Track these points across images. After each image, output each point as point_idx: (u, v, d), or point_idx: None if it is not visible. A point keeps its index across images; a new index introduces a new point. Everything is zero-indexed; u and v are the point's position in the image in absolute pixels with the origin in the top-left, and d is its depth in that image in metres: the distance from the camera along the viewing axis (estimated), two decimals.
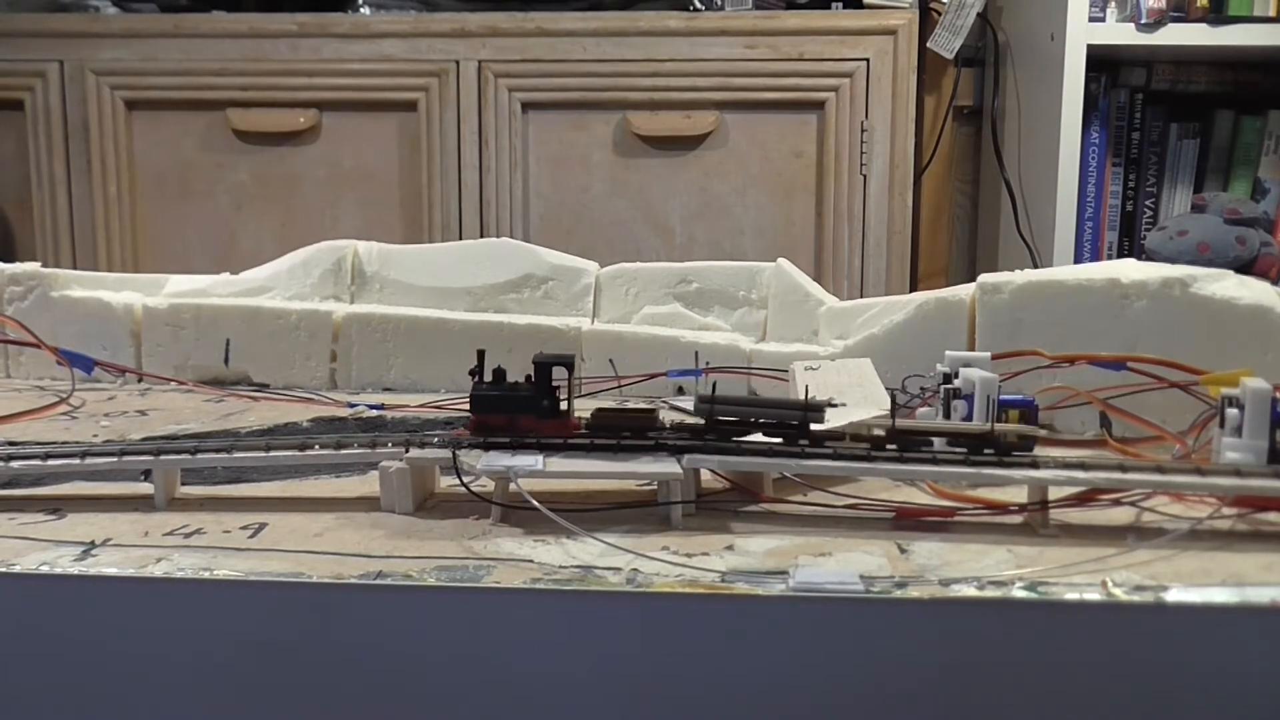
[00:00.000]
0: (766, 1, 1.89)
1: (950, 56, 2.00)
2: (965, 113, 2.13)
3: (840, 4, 1.88)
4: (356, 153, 1.92)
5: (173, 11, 1.94)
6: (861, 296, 1.65)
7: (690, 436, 0.55)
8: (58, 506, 0.56)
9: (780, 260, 0.93)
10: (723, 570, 0.47)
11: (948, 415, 0.61)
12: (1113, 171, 1.89)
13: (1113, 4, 1.72)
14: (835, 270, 1.87)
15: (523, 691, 0.46)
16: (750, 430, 0.55)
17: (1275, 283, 0.84)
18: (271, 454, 0.56)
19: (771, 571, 0.47)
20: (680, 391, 0.86)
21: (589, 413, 0.57)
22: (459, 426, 0.59)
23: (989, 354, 0.64)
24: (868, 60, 1.83)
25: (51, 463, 0.56)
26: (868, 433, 0.55)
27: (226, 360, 0.92)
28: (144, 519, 0.54)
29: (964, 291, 0.78)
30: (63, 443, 0.59)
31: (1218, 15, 1.69)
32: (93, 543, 0.50)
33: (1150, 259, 1.52)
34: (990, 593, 0.45)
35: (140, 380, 0.92)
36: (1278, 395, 0.54)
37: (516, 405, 0.56)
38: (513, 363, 0.88)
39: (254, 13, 1.93)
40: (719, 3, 1.90)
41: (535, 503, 0.51)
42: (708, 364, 0.84)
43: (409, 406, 0.82)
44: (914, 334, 0.78)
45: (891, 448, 0.54)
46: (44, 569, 0.47)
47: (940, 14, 1.99)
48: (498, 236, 1.72)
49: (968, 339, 0.77)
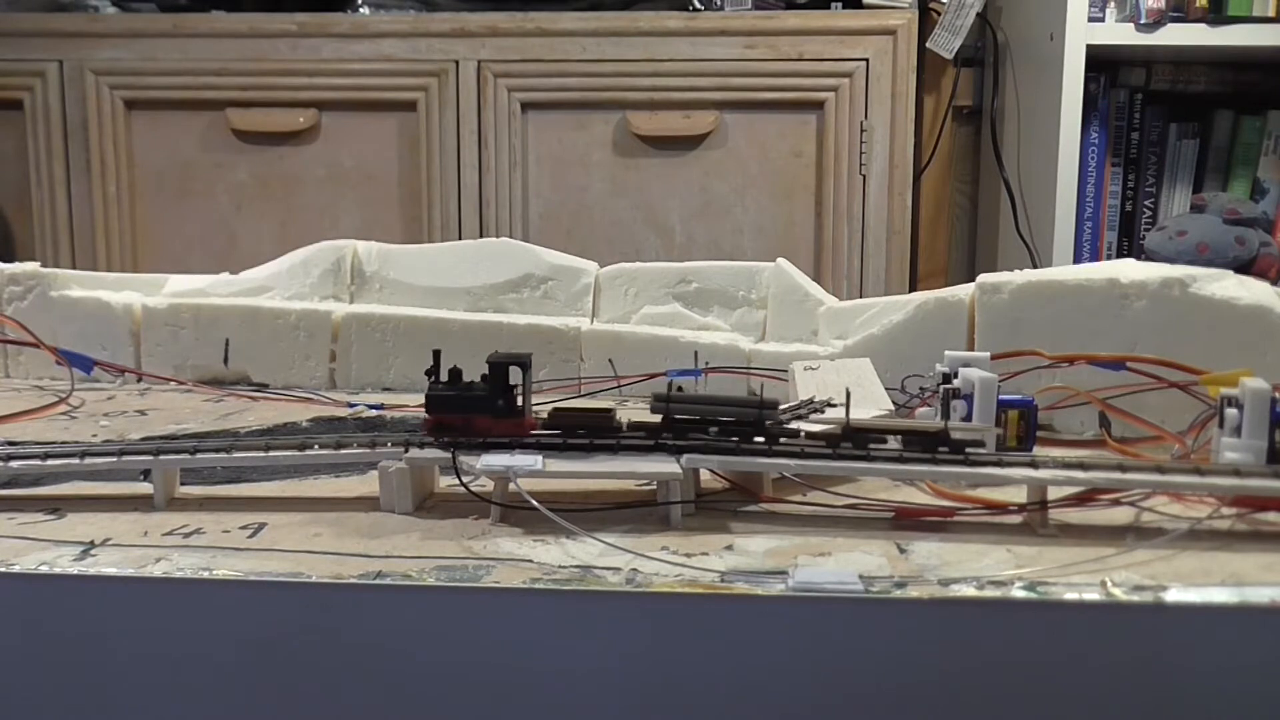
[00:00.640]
0: (766, 1, 1.89)
1: (950, 56, 2.01)
2: (965, 113, 2.13)
3: (840, 4, 1.88)
4: (356, 152, 1.92)
5: (172, 11, 1.94)
6: (861, 296, 1.65)
7: (646, 435, 0.55)
8: (57, 506, 0.56)
9: (780, 260, 0.93)
10: (722, 570, 0.47)
11: (947, 415, 0.61)
12: (1112, 171, 1.89)
13: (1112, 4, 1.72)
14: (835, 270, 1.87)
15: (522, 691, 0.46)
16: (706, 428, 0.55)
17: (1275, 283, 0.84)
18: (271, 454, 0.56)
19: (771, 571, 0.47)
20: (679, 391, 0.86)
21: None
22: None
23: (988, 354, 0.64)
24: (867, 60, 1.83)
25: (51, 462, 0.56)
26: (823, 430, 0.56)
27: (226, 360, 0.92)
28: (143, 519, 0.54)
29: (963, 291, 0.78)
30: (62, 442, 0.59)
31: (1217, 15, 1.69)
32: (92, 542, 0.50)
33: (1150, 259, 1.52)
34: (989, 593, 0.45)
35: (140, 380, 0.92)
36: (1277, 395, 0.54)
37: (472, 405, 0.56)
38: None
39: (253, 12, 1.93)
40: (718, 3, 1.90)
41: (535, 503, 0.51)
42: (707, 364, 0.84)
43: (408, 406, 0.82)
44: (913, 334, 0.78)
45: (846, 445, 0.54)
46: (43, 569, 0.47)
47: (940, 14, 1.99)
48: (497, 236, 1.73)
49: (967, 339, 0.77)
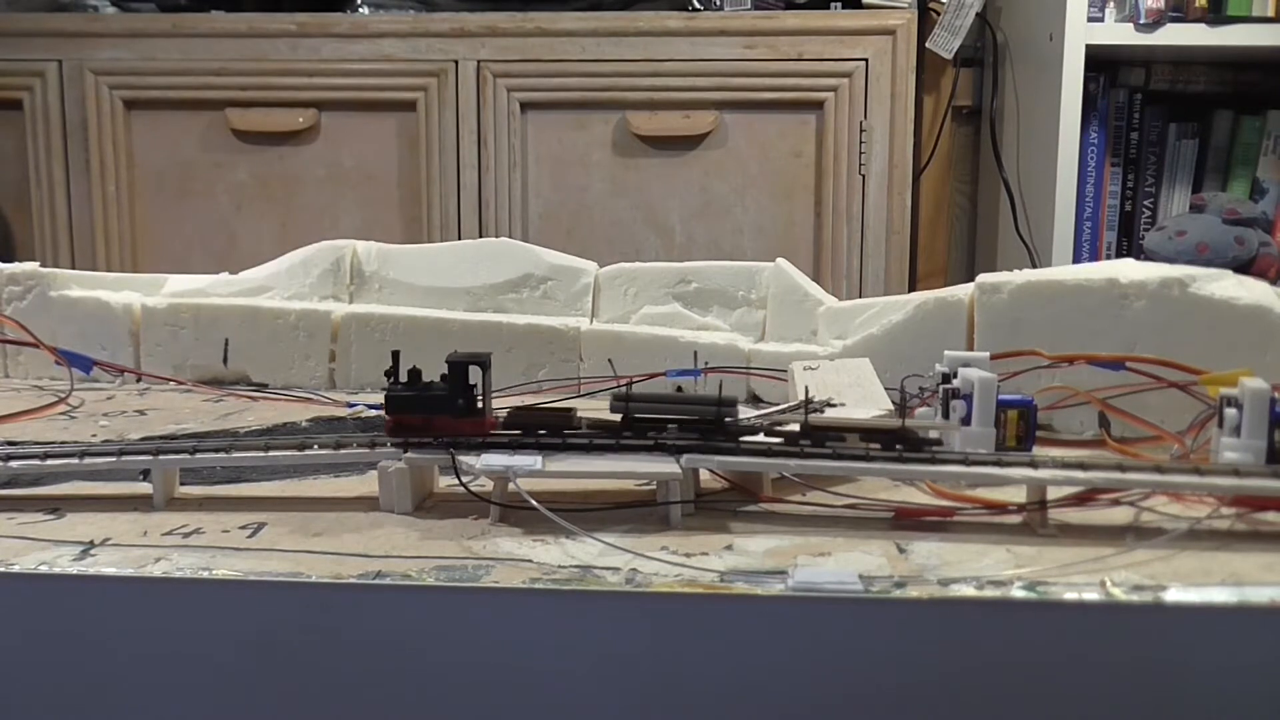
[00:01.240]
0: (765, 1, 1.89)
1: (949, 56, 2.01)
2: (964, 113, 2.13)
3: (839, 4, 1.88)
4: (356, 152, 1.92)
5: (172, 11, 1.94)
6: (860, 296, 1.65)
7: (607, 434, 0.55)
8: (56, 506, 0.56)
9: (779, 260, 0.93)
10: (722, 570, 0.47)
11: (946, 415, 0.61)
12: (1111, 171, 1.89)
13: (1111, 4, 1.72)
14: (834, 270, 1.87)
15: (522, 691, 0.46)
16: (666, 426, 0.55)
17: (1274, 282, 0.84)
18: (270, 454, 0.56)
19: (770, 571, 0.47)
20: (679, 391, 0.86)
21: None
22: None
23: (988, 354, 0.64)
24: (867, 60, 1.83)
25: (50, 462, 0.56)
26: (783, 428, 0.56)
27: (225, 360, 0.92)
28: (143, 519, 0.54)
29: (963, 291, 0.78)
30: (61, 442, 0.59)
31: (1216, 15, 1.70)
32: (91, 542, 0.50)
33: (1149, 259, 1.52)
34: (989, 593, 0.45)
35: (139, 380, 0.92)
36: (1276, 395, 0.54)
37: (431, 405, 0.56)
38: (512, 363, 0.89)
39: (253, 12, 1.93)
40: (718, 3, 1.90)
41: (534, 503, 0.51)
42: (707, 364, 0.84)
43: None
44: (913, 334, 0.78)
45: (805, 443, 0.54)
46: (43, 569, 0.47)
47: (939, 14, 1.99)
48: (497, 236, 1.73)
49: (966, 339, 0.77)
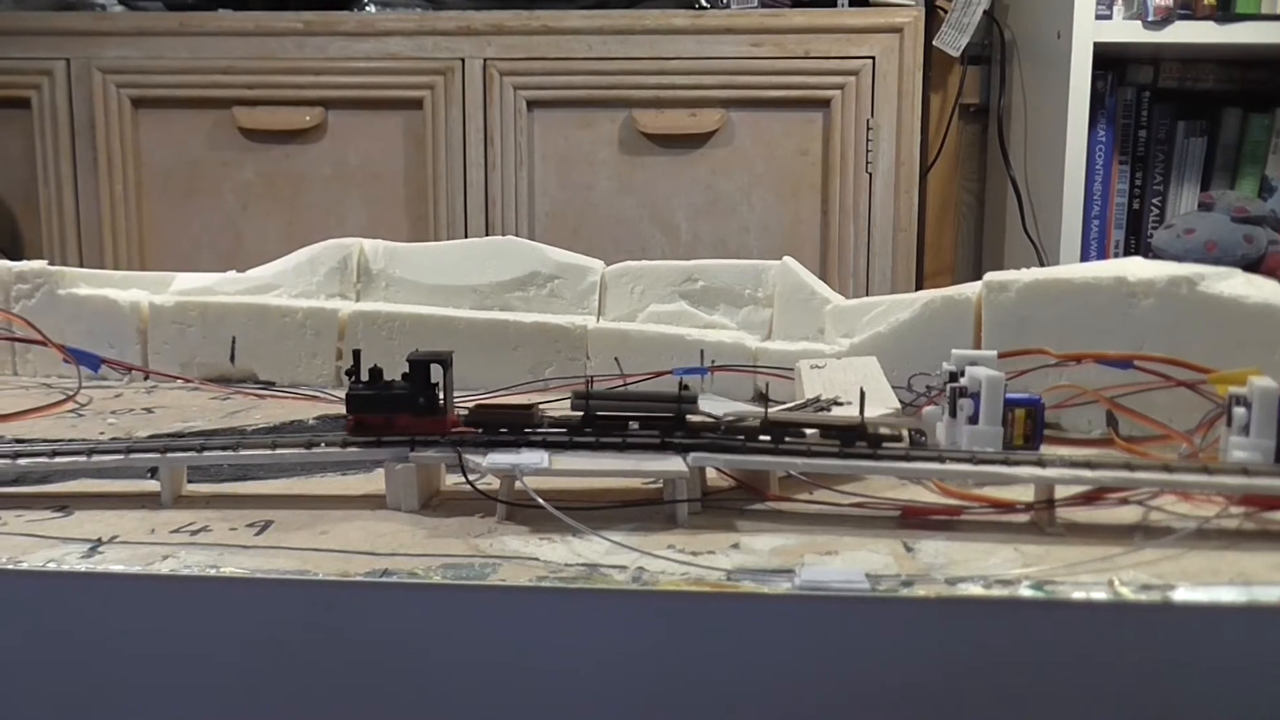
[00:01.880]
0: None
1: (956, 54, 2.00)
2: (971, 110, 2.13)
3: (846, 2, 1.88)
4: (362, 151, 1.92)
5: (179, 10, 1.95)
6: (867, 295, 1.65)
7: (568, 432, 0.55)
8: (65, 504, 0.56)
9: (786, 258, 0.93)
10: (728, 568, 0.47)
11: (954, 414, 0.61)
12: (1119, 169, 1.88)
13: (1119, 2, 1.71)
14: (841, 268, 1.87)
15: (528, 689, 0.46)
16: (627, 423, 0.55)
17: None
18: (278, 452, 0.56)
19: (777, 570, 0.47)
20: (685, 389, 0.86)
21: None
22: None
23: (995, 352, 0.64)
24: (874, 58, 1.83)
25: (59, 460, 0.56)
26: (742, 424, 0.56)
27: (233, 358, 0.92)
28: (151, 516, 0.54)
29: (970, 290, 0.77)
30: (70, 440, 0.59)
31: (1225, 13, 1.69)
32: (100, 540, 0.50)
33: (1157, 257, 1.52)
34: (997, 592, 0.45)
35: (147, 378, 0.92)
36: None
37: (392, 404, 0.56)
38: (518, 361, 0.89)
39: (260, 11, 1.93)
40: (724, 1, 1.89)
41: (541, 501, 0.51)
42: (713, 362, 0.84)
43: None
44: (920, 332, 0.78)
45: (764, 438, 0.54)
46: (51, 566, 0.47)
47: (946, 11, 1.98)
48: (503, 234, 1.73)
49: (974, 337, 0.76)
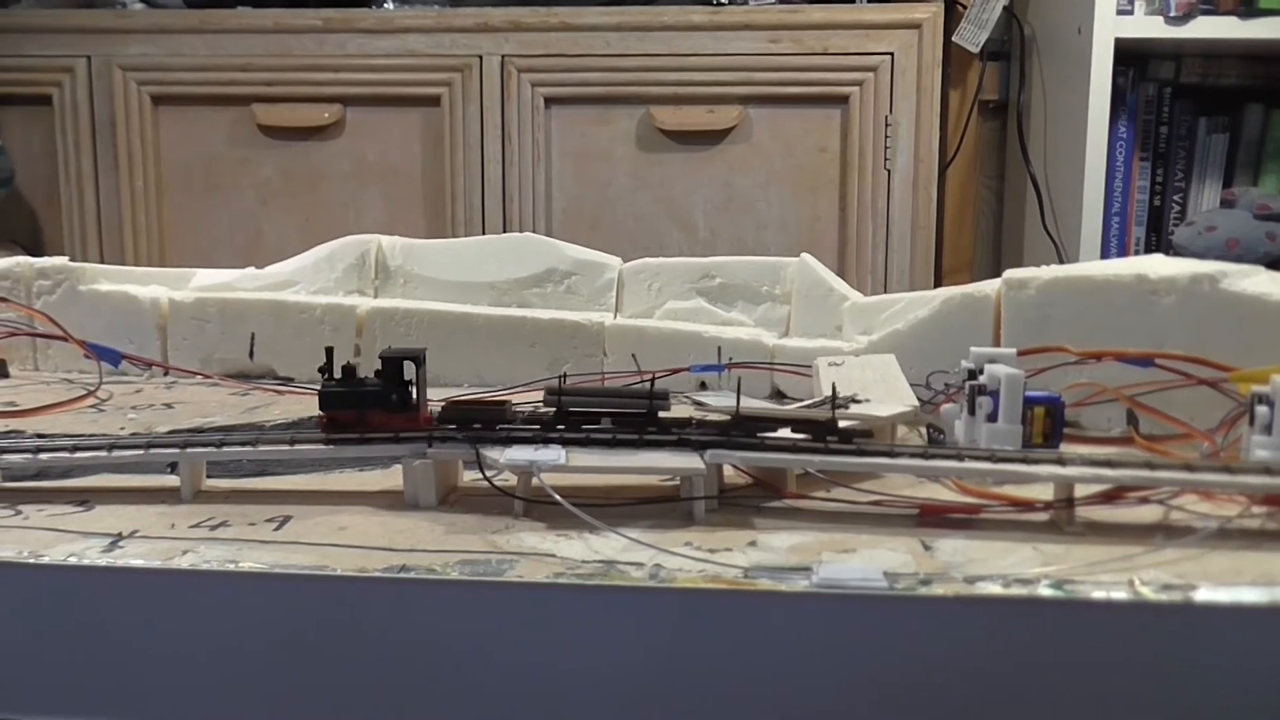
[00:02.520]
0: None
1: (976, 50, 1.99)
2: (991, 107, 2.12)
3: None
4: (380, 147, 1.93)
5: (199, 7, 1.96)
6: (885, 292, 1.65)
7: (542, 428, 0.56)
8: (86, 498, 0.56)
9: (804, 255, 0.93)
10: (745, 566, 0.47)
11: (972, 412, 0.60)
12: (1140, 166, 1.87)
13: None
14: (859, 266, 1.86)
15: (545, 686, 0.46)
16: (600, 419, 0.56)
17: None
18: (296, 447, 0.56)
19: (795, 568, 0.47)
20: (703, 387, 0.86)
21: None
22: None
23: (1014, 350, 0.64)
24: (892, 54, 1.82)
25: (80, 455, 0.56)
26: (713, 419, 0.56)
27: (252, 354, 0.92)
28: (170, 511, 0.55)
29: (989, 287, 0.77)
30: (90, 435, 0.59)
31: (1248, 8, 1.68)
32: (120, 534, 0.51)
33: (1179, 254, 1.51)
34: (1016, 591, 0.44)
35: (166, 373, 0.92)
36: None
37: (365, 401, 0.56)
38: (536, 358, 0.89)
39: (279, 8, 1.94)
40: None
41: (558, 497, 0.51)
42: (731, 359, 0.84)
43: (432, 401, 0.82)
44: (939, 330, 0.78)
45: (735, 433, 0.54)
46: (72, 560, 0.48)
47: (966, 7, 1.97)
48: (520, 231, 1.73)
49: (993, 335, 0.76)
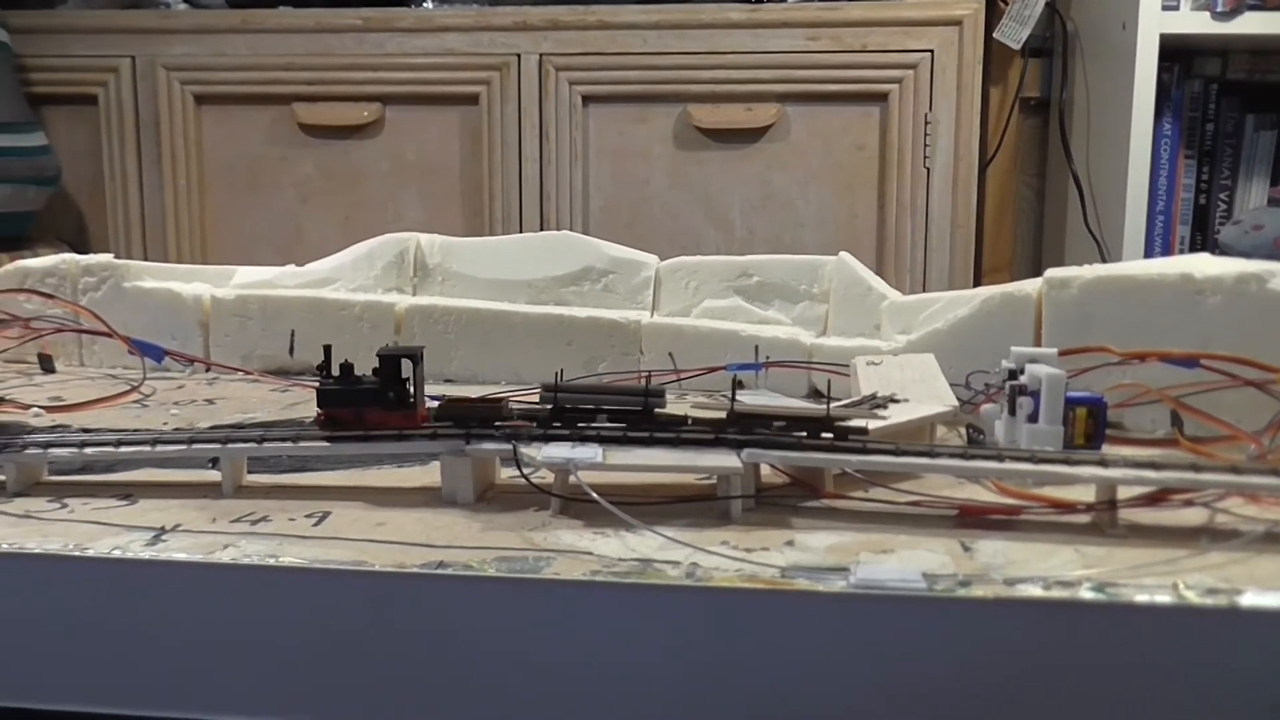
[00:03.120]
0: None
1: (1017, 47, 1.97)
2: (1032, 104, 2.10)
3: None
4: (419, 146, 1.94)
5: (241, 7, 1.98)
6: (924, 291, 1.63)
7: (537, 425, 0.56)
8: (129, 492, 0.57)
9: (842, 254, 0.92)
10: (783, 565, 0.47)
11: (1013, 412, 0.60)
12: (1185, 164, 1.84)
13: None
14: (898, 264, 1.85)
15: (581, 683, 0.46)
16: (595, 416, 0.56)
17: None
18: (335, 444, 0.57)
19: (832, 568, 0.46)
20: (740, 385, 0.86)
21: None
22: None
23: (1056, 350, 0.63)
24: (932, 51, 1.81)
25: (124, 449, 0.57)
26: (710, 416, 0.56)
27: (292, 351, 0.93)
28: (212, 505, 0.55)
29: (1030, 286, 0.76)
30: (134, 430, 0.60)
31: None
32: (163, 528, 0.51)
33: (1224, 254, 1.49)
34: (1057, 593, 0.44)
35: (208, 370, 0.93)
36: None
37: (362, 398, 0.56)
38: (572, 356, 0.89)
39: (320, 8, 1.96)
40: None
41: (595, 495, 0.51)
42: (768, 358, 0.84)
43: (470, 398, 0.83)
44: (979, 329, 0.77)
45: (732, 430, 0.54)
46: (116, 553, 0.48)
47: (1007, 3, 1.95)
48: (557, 229, 1.73)
49: (1034, 335, 0.75)
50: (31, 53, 1.96)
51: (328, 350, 0.57)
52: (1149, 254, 1.79)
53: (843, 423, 0.54)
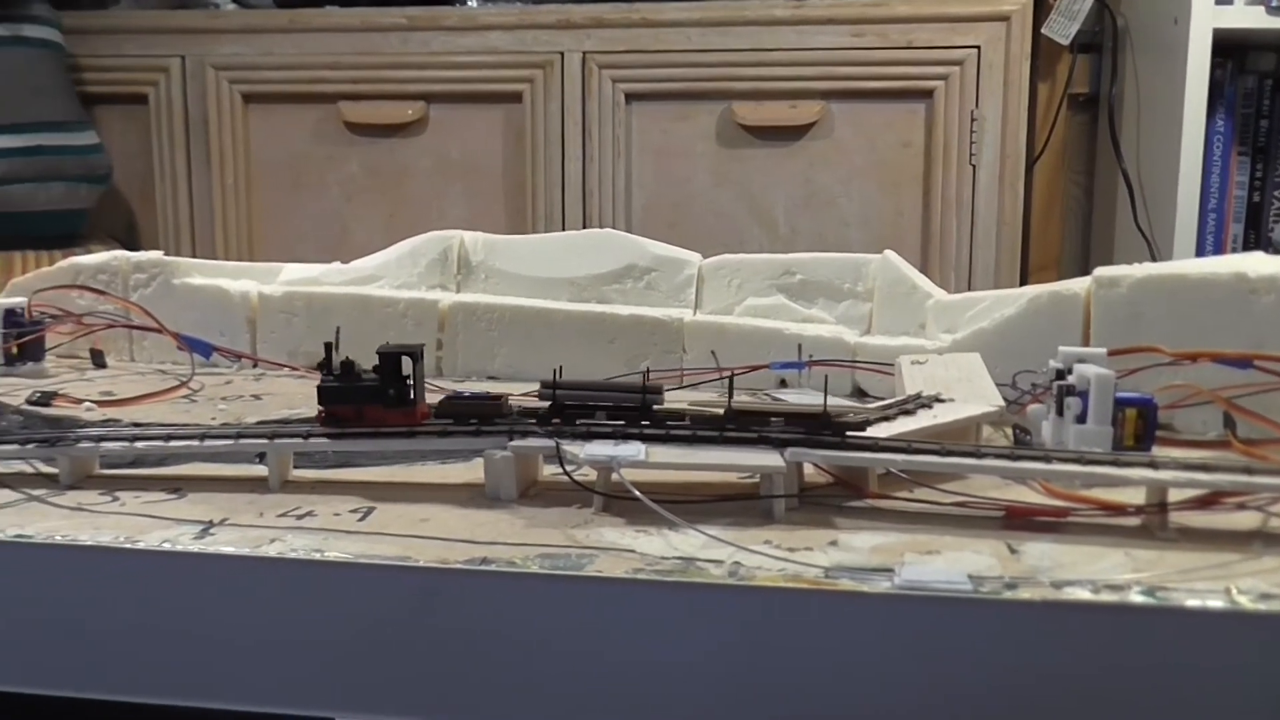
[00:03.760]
0: None
1: (1066, 42, 1.95)
2: (1081, 100, 2.07)
3: None
4: (463, 144, 1.95)
5: (288, 7, 2.00)
6: (970, 290, 1.62)
7: (536, 422, 0.56)
8: (178, 486, 0.58)
9: (887, 252, 0.91)
10: (826, 566, 0.46)
11: (1060, 413, 0.59)
12: (1238, 161, 1.81)
13: None
14: (943, 262, 1.83)
15: (623, 680, 0.46)
16: (594, 413, 0.56)
17: None
18: (380, 440, 0.57)
19: (877, 568, 0.46)
20: (783, 384, 0.86)
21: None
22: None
23: (1105, 350, 0.62)
24: (979, 47, 1.79)
25: (173, 444, 0.58)
26: (707, 413, 0.56)
27: (337, 347, 0.94)
28: (259, 500, 0.56)
29: (1078, 285, 0.75)
30: (183, 425, 0.61)
31: None
32: (211, 522, 0.52)
33: (1279, 252, 1.46)
34: (1106, 596, 0.43)
35: (255, 365, 0.94)
36: None
37: (362, 396, 0.56)
38: (615, 354, 0.89)
39: (365, 7, 1.98)
40: None
41: (637, 493, 0.51)
42: (811, 357, 0.83)
43: (513, 395, 0.83)
44: (1025, 328, 0.76)
45: (730, 427, 0.54)
46: (165, 546, 0.49)
47: None
48: (600, 227, 1.74)
49: (1082, 334, 0.74)
50: (84, 53, 2.00)
51: (328, 347, 0.58)
52: (1200, 253, 1.76)
53: (839, 420, 0.54)
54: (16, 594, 0.50)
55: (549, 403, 0.57)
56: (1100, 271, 0.74)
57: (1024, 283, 1.87)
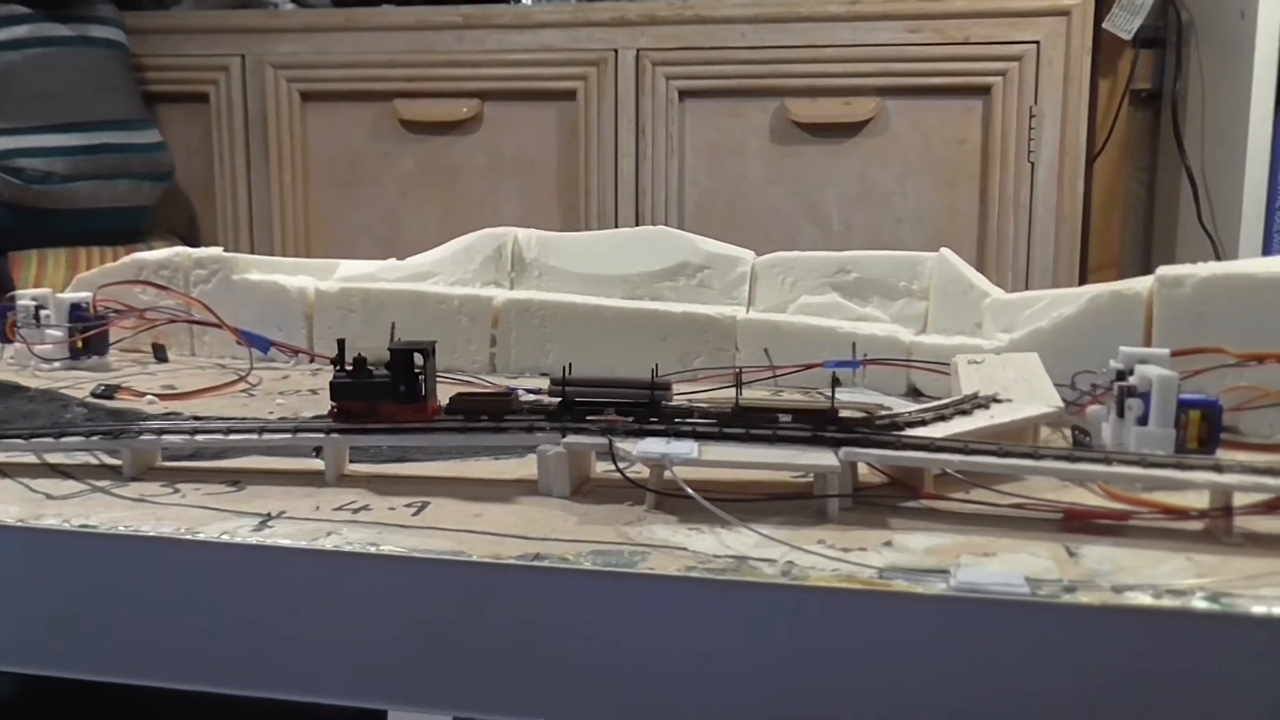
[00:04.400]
0: None
1: (1128, 37, 1.91)
2: (1143, 96, 2.03)
3: None
4: (517, 141, 1.96)
5: (345, 6, 2.02)
6: (1027, 288, 1.59)
7: (545, 418, 0.56)
8: (237, 479, 0.59)
9: (943, 250, 0.90)
10: (880, 566, 0.46)
11: (1121, 414, 0.58)
12: None
13: None
14: (999, 261, 1.81)
15: (674, 678, 0.46)
16: (603, 409, 0.56)
17: None
18: (434, 435, 0.58)
19: (932, 570, 0.45)
20: (837, 383, 0.85)
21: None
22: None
23: (1168, 351, 0.61)
24: (1038, 43, 1.76)
25: (232, 437, 0.59)
26: (715, 409, 0.56)
27: (392, 343, 0.95)
28: (316, 493, 0.56)
29: (1140, 284, 0.74)
30: (242, 419, 0.62)
31: None
32: (269, 515, 0.53)
33: None
34: (1167, 602, 0.42)
35: (312, 360, 0.95)
36: None
37: (374, 392, 0.57)
38: (667, 352, 0.89)
39: (421, 6, 1.99)
40: None
41: (690, 491, 0.51)
42: (865, 355, 0.83)
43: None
44: (1085, 328, 0.75)
45: (736, 424, 0.54)
46: (225, 538, 0.50)
47: None
48: (653, 224, 1.73)
49: (1144, 335, 0.73)
50: (147, 52, 2.04)
51: (341, 344, 0.59)
52: (1267, 252, 1.72)
53: (846, 414, 0.54)
54: (82, 582, 0.51)
55: (559, 399, 0.57)
56: (1163, 270, 0.72)
57: (1083, 282, 1.84)
